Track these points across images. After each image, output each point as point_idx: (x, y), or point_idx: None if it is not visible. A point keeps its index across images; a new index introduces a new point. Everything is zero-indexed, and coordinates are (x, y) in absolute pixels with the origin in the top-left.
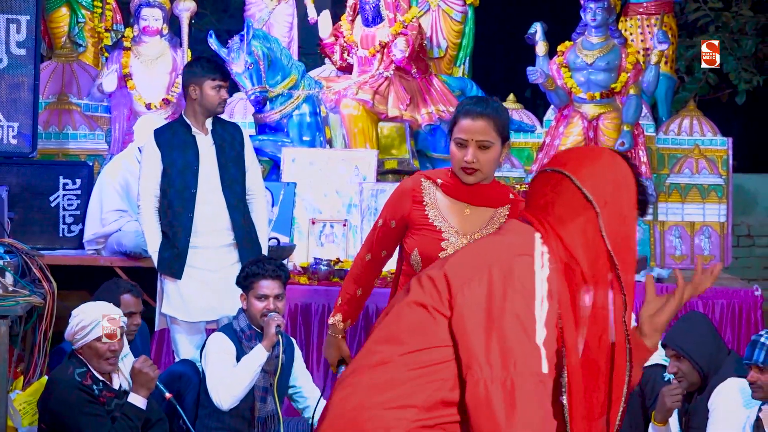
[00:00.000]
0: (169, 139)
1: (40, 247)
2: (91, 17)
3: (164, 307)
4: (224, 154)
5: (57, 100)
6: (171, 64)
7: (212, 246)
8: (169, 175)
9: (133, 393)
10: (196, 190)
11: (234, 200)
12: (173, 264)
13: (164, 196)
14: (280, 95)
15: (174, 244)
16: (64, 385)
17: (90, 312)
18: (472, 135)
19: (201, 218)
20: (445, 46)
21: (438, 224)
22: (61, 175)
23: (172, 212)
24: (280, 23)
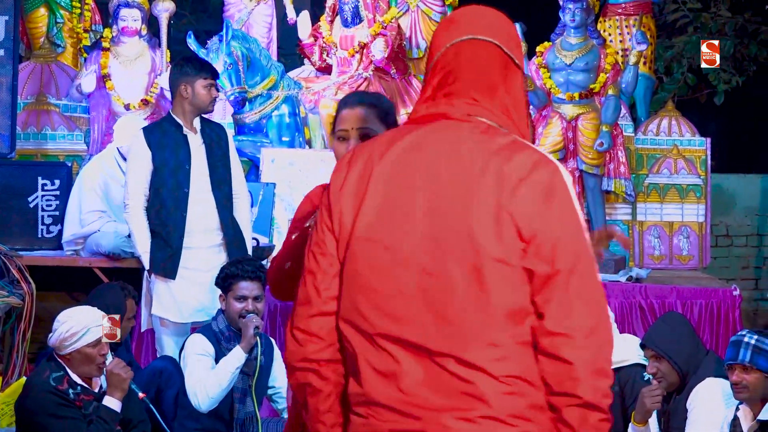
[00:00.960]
0: (160, 139)
1: (19, 247)
2: (70, 18)
3: (154, 308)
4: (213, 154)
5: (35, 101)
6: (150, 64)
7: (203, 246)
8: (161, 175)
9: (107, 396)
10: (189, 189)
11: (223, 200)
12: (167, 264)
13: (156, 196)
14: (259, 96)
15: (168, 244)
16: (38, 388)
17: (80, 318)
18: (352, 124)
19: (193, 218)
20: (424, 46)
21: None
22: (39, 175)
23: (165, 212)
24: (259, 24)
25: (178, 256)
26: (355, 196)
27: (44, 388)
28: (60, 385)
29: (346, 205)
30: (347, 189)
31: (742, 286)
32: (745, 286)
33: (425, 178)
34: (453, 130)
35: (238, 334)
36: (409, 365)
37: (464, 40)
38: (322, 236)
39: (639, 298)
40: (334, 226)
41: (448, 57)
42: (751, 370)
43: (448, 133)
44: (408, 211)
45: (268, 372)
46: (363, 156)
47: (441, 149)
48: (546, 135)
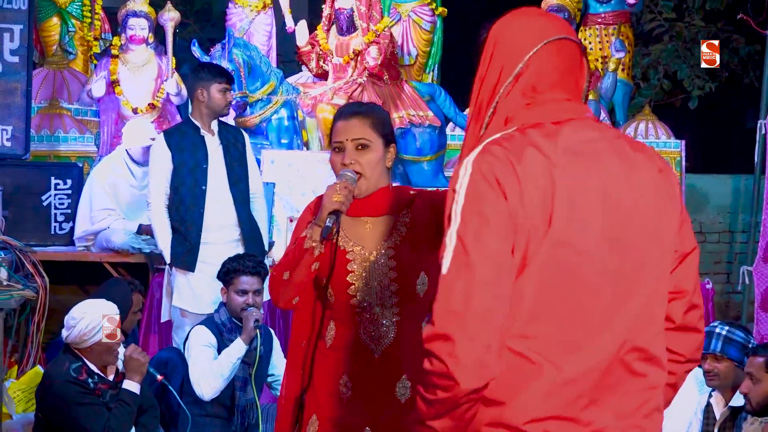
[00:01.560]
0: (179, 141)
1: (33, 243)
2: (81, 27)
3: (175, 299)
4: (230, 154)
5: (49, 105)
6: (156, 70)
7: (221, 241)
8: (180, 174)
9: (126, 380)
10: (206, 187)
11: (240, 197)
12: (186, 258)
13: (176, 194)
14: (259, 100)
15: (187, 239)
16: (60, 380)
17: (96, 311)
18: (347, 135)
19: (211, 214)
20: (415, 54)
21: (342, 244)
22: (52, 175)
23: (183, 208)
24: (259, 32)
25: (197, 251)
26: (543, 205)
27: (65, 378)
28: (80, 375)
29: (535, 212)
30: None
31: (715, 281)
32: (717, 281)
33: (605, 184)
34: (600, 131)
35: (239, 325)
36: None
37: (557, 39)
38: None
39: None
40: (519, 236)
41: (543, 56)
42: (722, 359)
43: (599, 134)
44: (592, 216)
45: (268, 361)
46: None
47: (606, 152)
48: None
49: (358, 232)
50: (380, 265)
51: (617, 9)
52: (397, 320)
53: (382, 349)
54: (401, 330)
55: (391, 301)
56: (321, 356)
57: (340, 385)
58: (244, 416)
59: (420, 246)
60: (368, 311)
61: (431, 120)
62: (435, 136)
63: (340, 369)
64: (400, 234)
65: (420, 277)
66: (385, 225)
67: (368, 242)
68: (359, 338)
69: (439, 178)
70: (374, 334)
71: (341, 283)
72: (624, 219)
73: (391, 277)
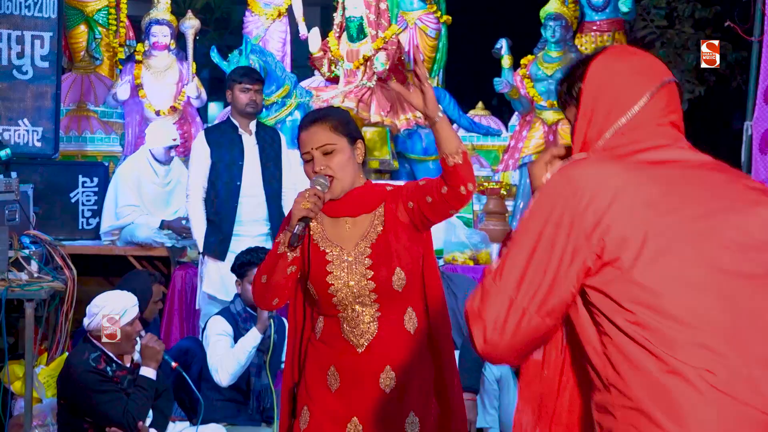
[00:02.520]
0: (218, 138)
1: (62, 238)
2: (107, 34)
3: (205, 286)
4: (265, 154)
5: (76, 108)
6: (178, 75)
7: (252, 234)
8: (217, 170)
9: (143, 366)
10: (241, 182)
11: (272, 195)
12: (218, 247)
13: (212, 188)
14: (274, 103)
15: (220, 230)
16: (80, 369)
17: (117, 301)
18: (311, 143)
19: (243, 209)
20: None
21: (322, 246)
22: (80, 174)
23: (218, 201)
24: (274, 39)
25: (228, 241)
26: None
27: (85, 368)
28: (98, 364)
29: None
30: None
31: None
32: None
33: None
34: (697, 156)
35: (254, 315)
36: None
37: (665, 84)
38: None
39: None
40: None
41: (651, 101)
42: None
43: (696, 158)
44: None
45: (281, 349)
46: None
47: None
48: (530, 138)
49: (338, 233)
50: (357, 265)
51: (612, 17)
52: (378, 316)
53: (366, 345)
54: (383, 325)
55: (370, 299)
56: (312, 348)
57: (328, 376)
58: (259, 401)
59: (394, 242)
60: (349, 309)
61: None
62: None
63: (328, 361)
64: (376, 232)
65: (396, 272)
66: (363, 224)
67: (347, 243)
68: (343, 335)
69: None
70: (356, 331)
71: (321, 283)
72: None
73: (368, 276)
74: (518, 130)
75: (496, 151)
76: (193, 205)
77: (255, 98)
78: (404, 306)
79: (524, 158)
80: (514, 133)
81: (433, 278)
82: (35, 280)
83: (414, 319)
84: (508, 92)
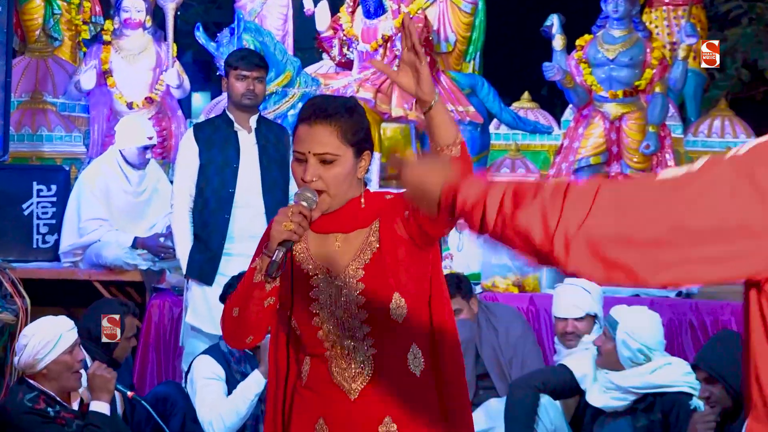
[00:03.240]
0: (210, 135)
1: (12, 259)
2: (68, 8)
3: (188, 316)
4: (267, 155)
5: (30, 99)
6: (155, 59)
7: (247, 254)
8: (207, 173)
9: (94, 401)
10: (235, 190)
11: (274, 206)
12: (204, 268)
13: (200, 195)
14: (273, 93)
15: (207, 246)
16: (15, 412)
17: (49, 327)
18: (309, 146)
19: (237, 222)
20: (453, 40)
21: (306, 267)
22: (34, 180)
23: (207, 212)
24: (273, 15)
25: (217, 261)
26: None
27: (21, 410)
28: (36, 404)
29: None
30: None
31: None
32: None
33: None
34: None
35: (250, 354)
36: None
37: None
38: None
39: (690, 315)
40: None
41: None
42: None
43: None
44: None
45: None
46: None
47: None
48: (587, 136)
49: (325, 252)
50: (347, 290)
51: None
52: (373, 353)
53: (360, 390)
54: (380, 364)
55: (363, 332)
56: (298, 396)
57: (316, 430)
58: None
59: (392, 263)
60: (338, 345)
61: (472, 116)
62: (477, 134)
63: (316, 411)
64: (371, 250)
65: (393, 299)
66: (356, 241)
67: (336, 263)
68: (332, 378)
69: None
70: (347, 373)
71: (305, 314)
72: None
73: (359, 304)
74: (573, 127)
75: (546, 152)
76: (178, 217)
77: (253, 87)
78: (407, 342)
79: (581, 161)
80: (567, 131)
81: (442, 307)
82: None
83: (419, 357)
84: (561, 80)
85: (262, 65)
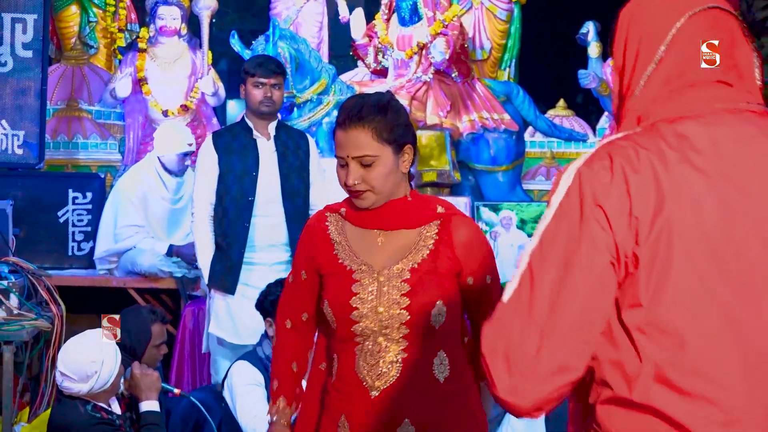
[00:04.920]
0: (228, 143)
1: (48, 266)
2: (104, 16)
3: (211, 326)
4: (287, 162)
5: (66, 107)
6: (190, 67)
7: (268, 262)
8: (226, 181)
9: (145, 401)
10: (254, 198)
11: (294, 213)
12: (226, 278)
13: (219, 204)
14: (308, 101)
15: (227, 255)
16: (84, 425)
17: (108, 351)
18: (348, 150)
19: (257, 230)
20: (489, 47)
21: (347, 263)
22: (70, 188)
23: (226, 221)
24: (308, 22)
25: (238, 271)
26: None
27: (91, 422)
28: (98, 413)
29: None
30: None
31: None
32: None
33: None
34: (761, 126)
35: None
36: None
37: (704, 9)
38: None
39: None
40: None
41: (688, 33)
42: None
43: (759, 130)
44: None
45: None
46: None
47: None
48: None
49: (367, 247)
50: (391, 288)
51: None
52: (403, 357)
53: (382, 389)
54: (408, 368)
55: (400, 333)
56: (327, 395)
57: (339, 428)
58: None
59: (442, 271)
60: (371, 341)
61: (507, 124)
62: (512, 142)
63: (340, 409)
64: (421, 254)
65: (436, 306)
66: (401, 241)
67: (378, 259)
68: (358, 373)
69: (517, 191)
70: (374, 371)
71: (343, 306)
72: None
73: (402, 305)
74: (609, 134)
75: None
76: (199, 226)
77: (271, 94)
78: (437, 348)
79: None
80: (603, 138)
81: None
82: (15, 318)
83: (446, 365)
84: (597, 87)
85: (279, 72)
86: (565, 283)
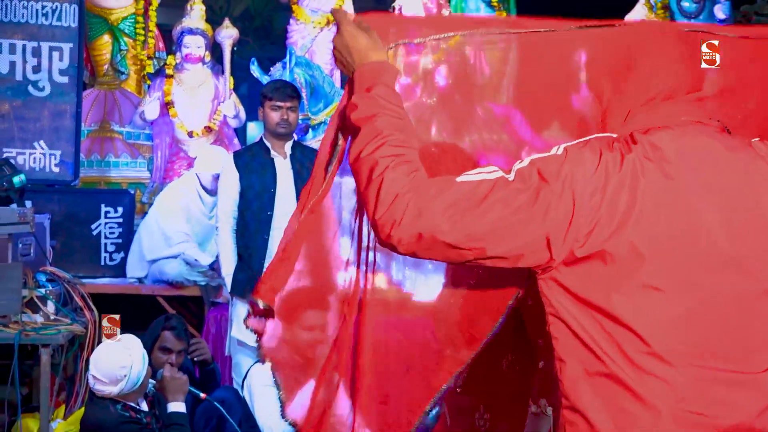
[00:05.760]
0: (248, 162)
1: (82, 275)
2: (134, 45)
3: (234, 330)
4: (302, 179)
5: (99, 128)
6: (213, 91)
7: None
8: (246, 198)
9: (171, 402)
10: (273, 212)
11: None
12: (247, 286)
13: (241, 218)
14: (322, 123)
15: (249, 265)
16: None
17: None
18: None
19: (276, 243)
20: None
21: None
22: (102, 203)
23: (248, 234)
24: (322, 50)
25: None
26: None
27: (120, 420)
28: (127, 413)
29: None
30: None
31: None
32: None
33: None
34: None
35: None
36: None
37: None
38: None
39: None
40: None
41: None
42: None
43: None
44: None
45: None
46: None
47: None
48: None
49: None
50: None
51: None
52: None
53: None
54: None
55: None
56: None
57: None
58: None
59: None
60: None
61: None
62: None
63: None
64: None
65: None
66: None
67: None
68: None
69: None
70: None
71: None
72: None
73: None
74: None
75: None
76: (223, 239)
77: (288, 117)
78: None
79: None
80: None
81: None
82: (52, 323)
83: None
84: None
85: (295, 96)
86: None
